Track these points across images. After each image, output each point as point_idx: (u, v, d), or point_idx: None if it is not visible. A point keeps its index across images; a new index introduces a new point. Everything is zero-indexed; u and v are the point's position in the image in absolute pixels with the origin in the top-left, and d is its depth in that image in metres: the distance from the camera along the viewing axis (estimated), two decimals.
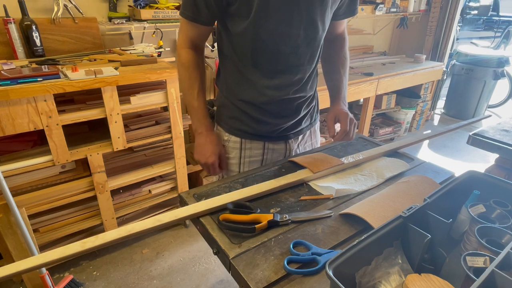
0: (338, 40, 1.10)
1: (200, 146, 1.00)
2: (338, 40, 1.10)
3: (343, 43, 1.10)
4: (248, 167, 1.06)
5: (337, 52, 1.10)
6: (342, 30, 1.10)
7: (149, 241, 2.03)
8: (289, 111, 1.02)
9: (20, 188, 1.50)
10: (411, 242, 0.58)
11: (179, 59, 0.97)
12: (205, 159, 1.00)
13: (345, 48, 1.11)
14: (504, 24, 6.58)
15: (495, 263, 0.48)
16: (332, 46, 1.09)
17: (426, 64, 3.28)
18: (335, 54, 1.10)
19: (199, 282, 1.76)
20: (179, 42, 0.97)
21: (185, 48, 0.96)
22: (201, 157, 1.00)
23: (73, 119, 1.45)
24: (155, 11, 1.89)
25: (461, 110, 4.06)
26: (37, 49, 1.68)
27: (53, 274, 1.76)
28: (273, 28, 0.85)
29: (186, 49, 0.96)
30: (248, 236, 0.68)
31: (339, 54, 1.10)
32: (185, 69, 0.96)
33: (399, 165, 0.95)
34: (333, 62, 1.10)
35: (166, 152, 1.98)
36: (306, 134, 1.13)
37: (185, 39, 0.95)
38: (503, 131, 1.14)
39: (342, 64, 1.09)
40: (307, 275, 0.59)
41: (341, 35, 1.10)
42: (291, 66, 0.94)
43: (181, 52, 0.96)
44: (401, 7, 3.27)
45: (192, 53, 0.96)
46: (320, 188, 0.85)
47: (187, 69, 0.96)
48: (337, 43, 1.10)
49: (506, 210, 0.65)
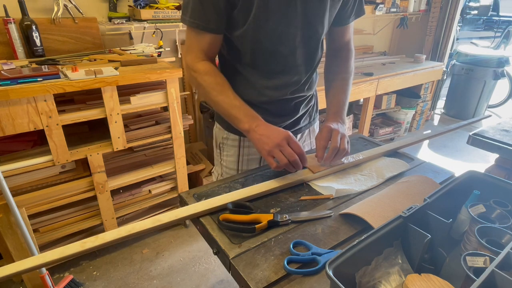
0: (343, 51, 1.04)
1: (264, 135, 0.83)
2: (343, 51, 1.04)
3: (348, 55, 1.04)
4: (246, 165, 1.06)
5: (339, 64, 1.04)
6: (348, 40, 1.04)
7: (149, 241, 2.03)
8: (288, 110, 1.03)
9: (20, 188, 1.50)
10: (411, 242, 0.58)
11: (197, 73, 0.88)
12: (277, 141, 0.81)
13: (349, 62, 1.04)
14: (504, 24, 6.58)
15: (495, 263, 0.48)
16: (336, 57, 1.05)
17: (426, 64, 3.28)
18: (338, 67, 1.04)
19: (199, 282, 1.76)
20: (191, 58, 0.88)
21: (200, 62, 0.88)
22: (270, 143, 0.81)
23: (73, 119, 1.45)
24: (155, 11, 1.89)
25: (461, 110, 4.06)
26: (37, 49, 1.68)
27: (53, 274, 1.76)
28: (272, 29, 0.85)
29: (201, 62, 0.88)
30: (248, 236, 0.68)
31: (341, 68, 1.03)
32: (210, 75, 0.88)
33: (399, 165, 0.95)
34: (334, 75, 1.04)
35: (166, 152, 1.98)
36: (304, 133, 1.14)
37: (197, 52, 0.88)
38: (503, 131, 1.14)
39: (343, 78, 1.02)
40: (307, 275, 0.59)
41: (346, 46, 1.04)
42: (289, 67, 0.94)
43: (196, 66, 0.88)
44: (401, 7, 3.27)
45: (209, 63, 0.89)
46: (320, 188, 0.85)
47: (211, 75, 0.88)
48: (342, 54, 1.04)
49: (506, 210, 0.65)
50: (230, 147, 1.06)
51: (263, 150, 0.82)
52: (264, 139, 0.82)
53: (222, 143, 1.08)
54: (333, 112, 0.97)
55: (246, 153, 1.05)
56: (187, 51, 0.90)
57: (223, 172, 1.11)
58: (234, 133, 1.03)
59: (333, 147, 0.86)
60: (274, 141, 0.81)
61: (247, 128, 0.85)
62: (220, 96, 0.87)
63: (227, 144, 1.06)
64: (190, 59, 0.88)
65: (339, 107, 0.98)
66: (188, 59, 0.89)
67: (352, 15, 0.98)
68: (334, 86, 1.02)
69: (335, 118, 0.95)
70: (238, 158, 1.05)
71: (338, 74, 1.03)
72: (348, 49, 1.05)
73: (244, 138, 1.03)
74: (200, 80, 0.88)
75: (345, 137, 0.89)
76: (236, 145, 1.05)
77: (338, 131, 0.88)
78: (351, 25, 1.02)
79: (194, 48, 0.88)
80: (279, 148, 0.80)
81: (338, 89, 1.01)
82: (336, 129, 0.88)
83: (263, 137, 0.82)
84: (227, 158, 1.07)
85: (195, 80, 0.89)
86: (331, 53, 1.06)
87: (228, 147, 1.06)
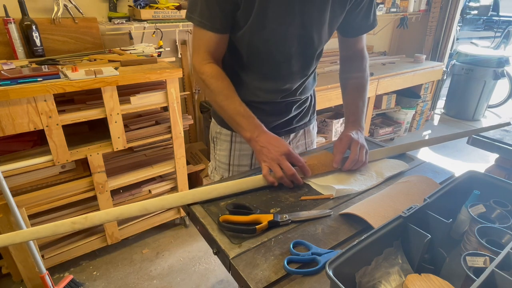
0: (357, 58, 1.04)
1: (265, 147, 0.84)
2: (357, 58, 1.04)
3: (361, 62, 1.03)
4: (238, 160, 1.07)
5: (353, 71, 1.03)
6: (362, 48, 1.03)
7: (149, 241, 2.03)
8: (279, 111, 1.04)
9: (20, 188, 1.50)
10: (411, 242, 0.58)
11: (205, 75, 0.88)
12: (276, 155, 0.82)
13: (363, 67, 1.03)
14: (504, 24, 6.58)
15: (495, 263, 0.48)
16: (350, 64, 1.04)
17: (426, 64, 3.28)
18: (352, 73, 1.04)
19: (199, 282, 1.76)
20: (197, 60, 0.88)
21: (207, 64, 0.88)
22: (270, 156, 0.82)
23: (73, 119, 1.45)
24: (155, 11, 1.89)
25: (461, 110, 4.06)
26: (37, 49, 1.68)
27: (53, 274, 1.76)
28: (268, 38, 0.86)
29: (208, 64, 0.88)
30: (248, 236, 0.68)
31: (356, 74, 1.03)
32: (217, 79, 0.88)
33: (399, 165, 0.95)
34: (349, 81, 1.04)
35: (166, 152, 1.98)
36: (299, 133, 1.14)
37: (203, 53, 0.88)
38: (503, 131, 1.14)
39: (359, 84, 1.02)
40: (307, 275, 0.59)
41: (360, 53, 1.03)
42: (283, 74, 0.95)
43: (203, 69, 0.88)
44: (401, 7, 3.27)
45: (216, 66, 0.89)
46: (320, 188, 0.85)
47: (218, 79, 0.88)
48: (355, 61, 1.04)
49: (506, 210, 0.65)
50: (222, 141, 1.08)
51: (263, 163, 0.84)
52: (264, 151, 0.84)
53: (216, 137, 1.10)
54: (352, 120, 0.98)
55: (238, 149, 1.06)
56: (193, 51, 0.91)
57: (216, 166, 1.13)
58: (226, 128, 1.05)
59: (352, 159, 0.88)
60: (273, 155, 0.82)
61: (248, 137, 0.87)
62: (226, 101, 0.88)
63: (220, 138, 1.08)
64: (197, 60, 0.89)
65: (357, 115, 0.99)
66: (195, 60, 0.89)
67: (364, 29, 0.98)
68: (350, 92, 1.03)
69: (355, 126, 0.96)
70: (230, 152, 1.07)
71: (354, 79, 1.03)
72: (362, 57, 1.04)
73: (236, 133, 1.04)
74: (207, 83, 0.89)
75: (364, 147, 0.91)
76: (228, 140, 1.06)
77: (358, 141, 0.90)
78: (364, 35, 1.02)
79: (201, 48, 0.88)
80: (278, 162, 0.82)
81: (355, 95, 1.01)
82: (356, 140, 0.90)
83: (263, 149, 0.84)
84: (220, 152, 1.09)
85: (202, 82, 0.90)
86: (345, 59, 1.06)
87: (221, 141, 1.08)
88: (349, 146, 0.90)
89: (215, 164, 1.13)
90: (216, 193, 0.80)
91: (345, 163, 0.89)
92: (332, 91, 2.41)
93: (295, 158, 0.84)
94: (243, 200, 0.81)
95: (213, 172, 1.15)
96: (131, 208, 0.74)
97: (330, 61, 3.06)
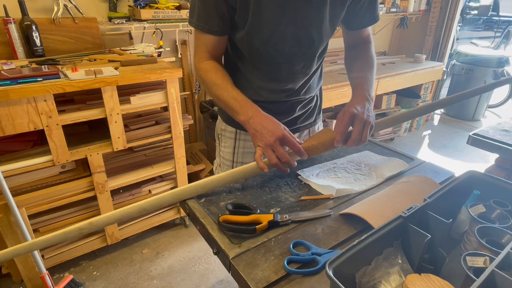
0: (364, 42, 1.03)
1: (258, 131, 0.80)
2: (364, 42, 1.03)
3: (367, 45, 1.02)
4: (242, 157, 1.08)
5: (360, 52, 1.02)
6: (367, 34, 1.02)
7: (149, 241, 2.03)
8: (284, 110, 1.04)
9: (20, 188, 1.50)
10: (411, 242, 0.58)
11: (202, 71, 0.90)
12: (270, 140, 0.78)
13: (370, 50, 1.01)
14: (504, 24, 6.59)
15: (495, 263, 0.48)
16: (355, 48, 1.04)
17: (426, 64, 3.28)
18: (358, 54, 1.02)
19: (199, 282, 1.76)
20: (197, 58, 0.92)
21: (205, 61, 0.91)
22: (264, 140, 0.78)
23: (73, 119, 1.45)
24: (155, 11, 1.90)
25: (461, 110, 4.06)
26: (37, 49, 1.68)
27: (53, 274, 1.76)
28: (266, 39, 0.86)
29: (205, 61, 0.91)
30: (248, 236, 0.68)
31: (363, 54, 1.00)
32: (212, 72, 0.89)
33: (398, 165, 0.95)
34: (356, 61, 1.01)
35: (166, 152, 1.98)
36: (303, 133, 1.14)
37: (202, 53, 0.91)
38: (503, 131, 1.14)
39: (366, 60, 0.98)
40: (307, 275, 0.59)
41: (365, 39, 1.03)
42: (285, 74, 0.96)
43: (201, 65, 0.91)
44: (401, 7, 3.27)
45: (213, 62, 0.91)
46: (320, 188, 0.85)
47: (213, 72, 0.90)
48: (360, 46, 1.03)
49: (506, 210, 0.65)
50: (227, 138, 1.09)
51: (257, 146, 0.81)
52: (258, 135, 0.80)
53: (221, 134, 1.11)
54: (358, 92, 0.89)
55: (242, 146, 1.07)
56: (194, 52, 0.94)
57: (221, 162, 1.14)
58: (231, 125, 1.06)
59: (354, 139, 0.81)
60: (267, 140, 0.78)
61: (243, 120, 0.84)
62: (220, 90, 0.88)
63: (224, 135, 1.09)
64: (196, 59, 0.92)
65: (365, 85, 0.90)
66: (195, 59, 0.93)
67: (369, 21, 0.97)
68: (357, 70, 0.97)
69: (361, 98, 0.86)
70: (234, 150, 1.08)
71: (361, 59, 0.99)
72: (368, 41, 1.02)
73: (241, 131, 1.05)
74: (203, 77, 0.91)
75: (369, 123, 0.82)
76: (232, 137, 1.07)
77: (363, 118, 0.81)
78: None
79: (200, 49, 0.91)
80: (272, 148, 0.78)
81: (363, 70, 0.95)
82: (360, 116, 0.81)
83: (257, 133, 0.80)
84: (224, 149, 1.11)
85: (200, 78, 0.93)
86: (351, 46, 1.05)
87: (226, 138, 1.09)
88: (352, 123, 0.82)
89: (220, 161, 1.14)
90: (213, 185, 0.80)
91: (347, 142, 0.83)
92: (332, 91, 2.40)
93: (290, 142, 0.79)
94: (243, 200, 0.81)
95: (217, 169, 1.17)
96: (130, 209, 0.74)
97: (330, 61, 3.06)
